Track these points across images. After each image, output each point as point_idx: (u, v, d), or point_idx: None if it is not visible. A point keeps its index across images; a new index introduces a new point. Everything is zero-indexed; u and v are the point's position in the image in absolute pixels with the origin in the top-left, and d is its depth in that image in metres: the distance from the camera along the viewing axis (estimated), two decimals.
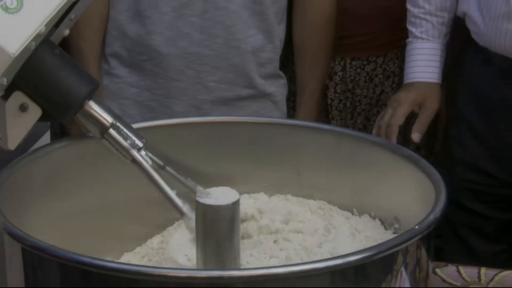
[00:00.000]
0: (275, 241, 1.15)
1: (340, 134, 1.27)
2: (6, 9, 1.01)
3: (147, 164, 1.11)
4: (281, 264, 1.09)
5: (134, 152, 1.11)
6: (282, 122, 1.35)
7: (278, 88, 2.02)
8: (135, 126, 1.15)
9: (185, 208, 1.10)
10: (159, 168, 1.16)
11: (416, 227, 1.00)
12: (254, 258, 1.13)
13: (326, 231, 1.19)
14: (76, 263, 0.94)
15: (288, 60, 2.22)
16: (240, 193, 1.07)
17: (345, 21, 2.20)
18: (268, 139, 1.29)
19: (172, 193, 1.11)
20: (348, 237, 1.18)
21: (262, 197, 1.25)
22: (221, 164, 1.23)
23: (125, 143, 1.11)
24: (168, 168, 1.16)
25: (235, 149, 1.28)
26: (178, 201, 1.10)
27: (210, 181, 1.13)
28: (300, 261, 1.11)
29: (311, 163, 1.28)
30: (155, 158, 1.15)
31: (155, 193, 1.14)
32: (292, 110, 2.18)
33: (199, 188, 1.16)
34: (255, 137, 1.29)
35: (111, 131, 1.11)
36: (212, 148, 1.26)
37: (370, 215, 1.24)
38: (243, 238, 1.14)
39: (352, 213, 1.26)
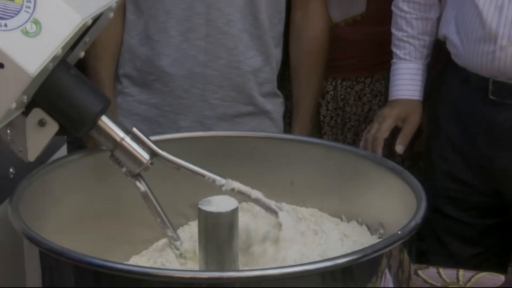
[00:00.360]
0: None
1: (330, 147, 1.27)
2: (26, 33, 1.01)
3: (148, 189, 1.13)
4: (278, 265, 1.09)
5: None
6: (278, 136, 1.35)
7: (275, 106, 2.01)
8: None
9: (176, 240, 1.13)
10: (176, 168, 1.15)
11: (399, 232, 1.00)
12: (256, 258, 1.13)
13: (318, 237, 1.19)
14: (88, 264, 0.94)
15: (284, 80, 2.22)
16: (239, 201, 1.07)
17: (336, 45, 2.19)
18: (265, 152, 1.29)
19: (165, 218, 1.13)
20: (337, 241, 1.18)
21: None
22: (223, 174, 1.22)
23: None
24: (186, 163, 1.16)
25: (236, 160, 1.28)
26: (172, 232, 1.14)
27: (212, 190, 1.14)
28: (293, 263, 1.11)
29: (304, 174, 1.28)
30: (172, 158, 1.14)
31: (161, 200, 1.14)
32: (288, 126, 2.18)
33: (222, 180, 1.16)
34: (253, 150, 1.29)
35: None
36: (215, 159, 1.25)
37: (357, 222, 1.24)
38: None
39: (341, 220, 1.25)
